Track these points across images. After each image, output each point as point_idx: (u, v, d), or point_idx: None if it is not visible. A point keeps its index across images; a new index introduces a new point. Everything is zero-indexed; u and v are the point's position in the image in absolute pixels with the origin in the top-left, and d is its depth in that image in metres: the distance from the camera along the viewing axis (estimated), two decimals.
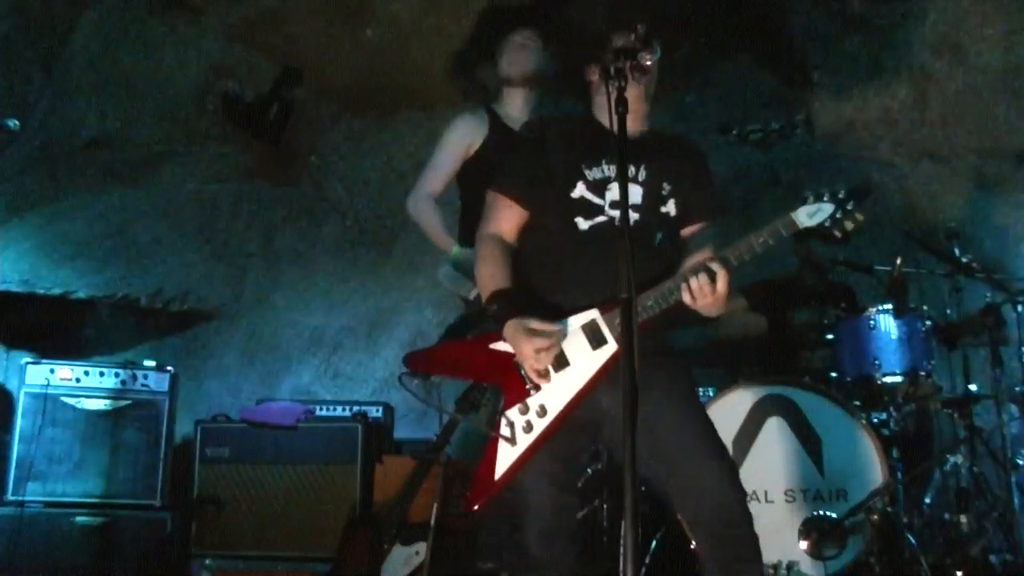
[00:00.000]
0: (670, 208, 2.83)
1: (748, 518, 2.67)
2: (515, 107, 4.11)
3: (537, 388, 2.70)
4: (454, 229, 4.04)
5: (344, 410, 5.10)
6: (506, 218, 2.87)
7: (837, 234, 2.60)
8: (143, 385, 4.81)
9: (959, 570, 4.02)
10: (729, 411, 4.19)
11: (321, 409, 5.12)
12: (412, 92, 5.75)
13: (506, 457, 2.68)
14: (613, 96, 2.44)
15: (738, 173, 5.89)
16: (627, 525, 2.16)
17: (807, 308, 4.89)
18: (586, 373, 2.68)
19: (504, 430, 2.69)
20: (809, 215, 2.60)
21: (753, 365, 4.90)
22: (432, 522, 3.75)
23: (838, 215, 2.58)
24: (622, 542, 2.25)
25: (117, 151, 5.43)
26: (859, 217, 2.58)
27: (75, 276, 5.78)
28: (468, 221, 3.91)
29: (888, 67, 5.67)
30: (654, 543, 4.08)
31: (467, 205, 4.03)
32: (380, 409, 5.18)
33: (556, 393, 2.69)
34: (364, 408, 5.08)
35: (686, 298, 2.61)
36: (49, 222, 5.60)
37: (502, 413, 2.71)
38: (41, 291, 5.69)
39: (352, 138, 5.99)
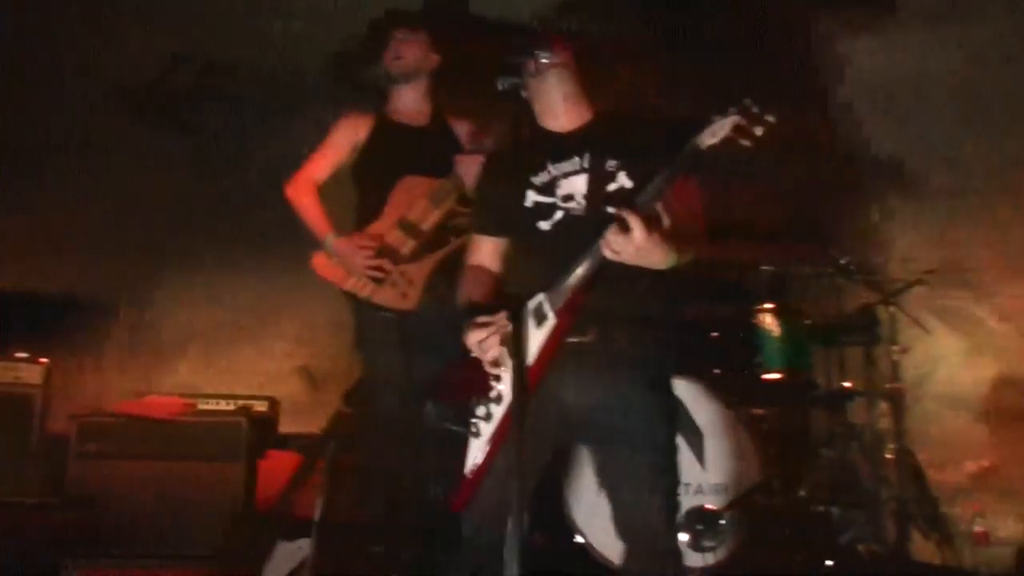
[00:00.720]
0: (622, 181, 2.77)
1: (674, 545, 2.72)
2: (404, 103, 4.22)
3: (497, 378, 2.72)
4: (344, 224, 4.09)
5: (228, 404, 4.99)
6: (481, 250, 2.99)
7: (745, 143, 2.46)
8: (15, 377, 4.62)
9: (829, 559, 4.17)
10: None
11: (204, 403, 5.00)
12: (315, 86, 5.66)
13: (475, 450, 2.72)
14: (504, 90, 2.48)
15: None
16: (514, 517, 2.18)
17: (699, 304, 5.00)
18: (532, 350, 2.66)
19: (472, 427, 2.74)
20: (713, 133, 2.49)
21: None
22: (317, 518, 3.71)
23: (743, 123, 2.45)
24: (507, 535, 2.25)
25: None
26: (769, 119, 2.45)
27: None
28: (363, 217, 4.07)
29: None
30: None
31: (363, 201, 4.13)
32: (265, 404, 5.09)
33: (509, 378, 2.65)
34: (248, 402, 4.98)
35: (608, 253, 2.54)
36: None
37: (471, 412, 2.76)
38: None
39: (247, 128, 5.87)
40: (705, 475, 4.12)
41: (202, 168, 5.90)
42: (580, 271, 2.63)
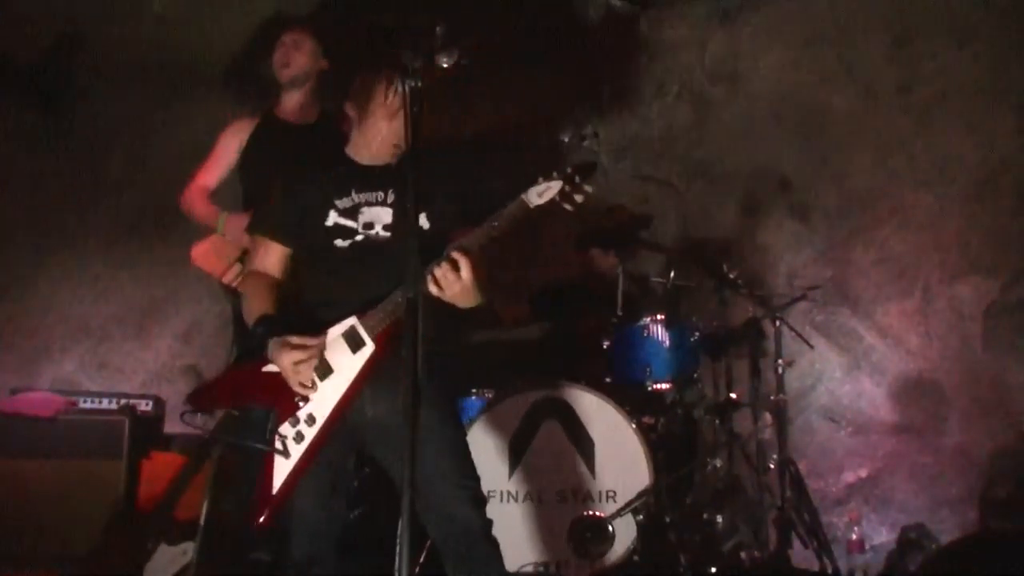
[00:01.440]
0: (422, 222, 2.93)
1: (482, 534, 2.84)
2: (291, 103, 4.29)
3: (305, 400, 2.81)
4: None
5: (110, 402, 4.82)
6: (268, 255, 3.06)
7: (568, 207, 2.72)
8: None
9: (713, 566, 4.25)
10: (506, 413, 4.27)
11: (85, 401, 4.81)
12: (198, 71, 5.55)
13: (282, 469, 2.77)
14: (407, 93, 2.49)
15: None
16: (403, 524, 2.18)
17: (586, 315, 5.06)
18: (348, 377, 2.80)
19: (278, 444, 2.78)
20: (539, 194, 2.72)
21: (531, 370, 5.01)
22: (201, 520, 3.62)
23: (567, 189, 2.69)
24: (398, 541, 2.25)
25: None
26: (588, 189, 2.72)
27: None
28: (248, 210, 4.08)
29: (670, 90, 5.97)
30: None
31: (249, 197, 4.19)
32: (150, 402, 4.93)
33: (323, 400, 2.80)
34: (132, 401, 4.83)
35: (433, 289, 2.71)
36: None
37: (274, 430, 2.80)
38: None
39: (133, 114, 5.71)
40: (593, 482, 4.17)
41: (81, 153, 5.72)
42: (399, 300, 2.73)
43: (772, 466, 4.71)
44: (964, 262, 5.54)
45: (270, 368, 2.85)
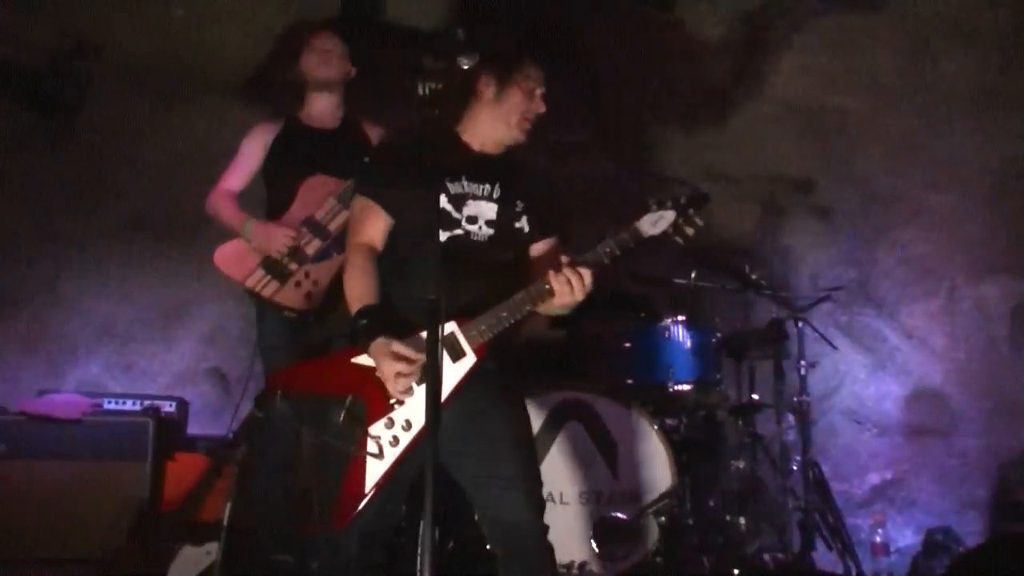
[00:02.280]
0: (523, 224, 2.93)
1: (544, 545, 2.80)
2: (318, 108, 4.26)
3: (400, 402, 2.73)
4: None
5: (135, 404, 4.87)
6: (374, 225, 2.91)
7: (679, 240, 2.70)
8: None
9: (736, 568, 4.24)
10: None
11: (109, 403, 4.86)
12: (206, 77, 5.58)
13: (375, 471, 2.70)
14: (424, 95, 2.50)
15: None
16: (425, 525, 2.18)
17: (606, 318, 5.05)
18: (447, 385, 2.71)
19: (371, 446, 2.70)
20: (652, 223, 2.70)
21: (554, 372, 5.02)
22: (225, 522, 3.64)
23: (680, 221, 2.68)
24: (420, 542, 2.25)
25: None
26: (699, 222, 2.69)
27: None
28: (270, 215, 4.11)
29: (693, 91, 5.95)
30: (451, 543, 4.11)
31: (273, 203, 4.17)
32: (174, 404, 4.98)
33: (421, 407, 2.64)
34: (156, 403, 4.87)
35: (556, 287, 2.67)
36: None
37: (366, 429, 2.72)
38: None
39: (145, 118, 5.74)
40: (617, 484, 4.16)
41: (97, 157, 5.77)
42: (505, 315, 2.71)
43: (795, 468, 4.70)
44: (990, 262, 5.49)
45: (361, 361, 2.76)
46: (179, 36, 5.22)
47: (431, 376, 2.25)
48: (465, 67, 2.72)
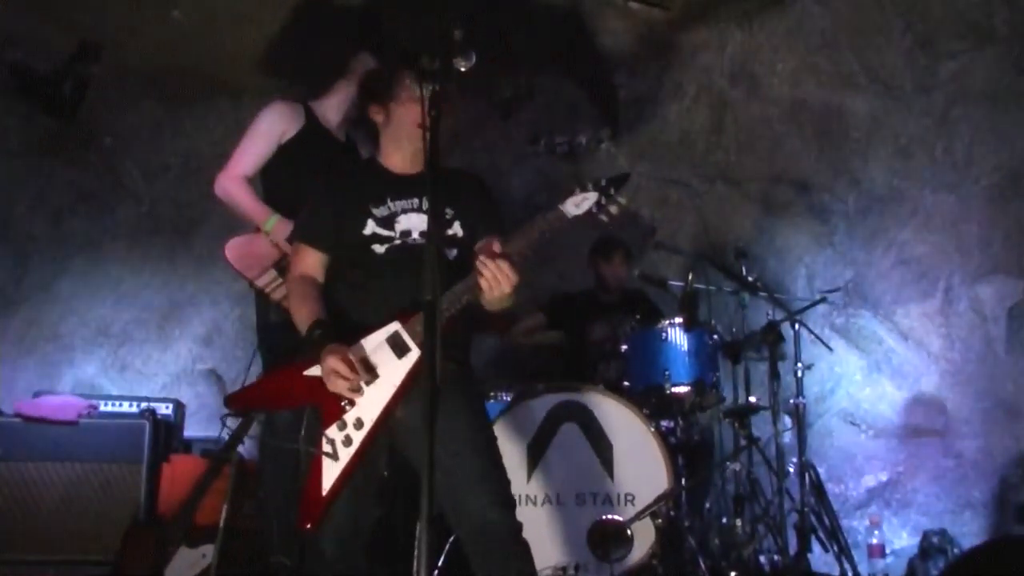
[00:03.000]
0: (456, 229, 3.02)
1: (512, 537, 2.84)
2: (330, 110, 4.17)
3: (351, 403, 2.82)
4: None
5: (131, 406, 4.86)
6: (309, 262, 3.06)
7: (604, 219, 2.80)
8: None
9: (733, 570, 4.24)
10: (525, 416, 4.27)
11: (105, 404, 4.86)
12: (219, 79, 5.58)
13: (331, 472, 2.79)
14: (427, 97, 2.51)
15: (545, 182, 6.04)
16: (422, 526, 2.18)
17: (603, 321, 5.06)
18: (394, 383, 2.81)
19: (326, 447, 2.80)
20: (576, 204, 2.79)
21: (551, 375, 5.02)
22: (221, 524, 3.64)
23: (603, 201, 2.78)
24: (416, 542, 2.26)
25: None
26: (622, 201, 2.80)
27: None
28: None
29: (688, 92, 5.96)
30: (449, 543, 4.11)
31: (269, 193, 4.03)
32: (170, 406, 4.97)
33: (370, 405, 2.82)
34: (152, 404, 4.86)
35: (484, 286, 2.74)
36: None
37: (322, 432, 2.82)
38: None
39: (152, 121, 5.75)
40: (612, 485, 4.16)
41: (111, 160, 5.77)
42: (444, 306, 2.75)
43: (791, 470, 4.69)
44: (986, 263, 5.49)
45: (313, 371, 2.85)
46: (184, 38, 5.23)
47: (429, 376, 2.25)
48: (462, 69, 2.73)
